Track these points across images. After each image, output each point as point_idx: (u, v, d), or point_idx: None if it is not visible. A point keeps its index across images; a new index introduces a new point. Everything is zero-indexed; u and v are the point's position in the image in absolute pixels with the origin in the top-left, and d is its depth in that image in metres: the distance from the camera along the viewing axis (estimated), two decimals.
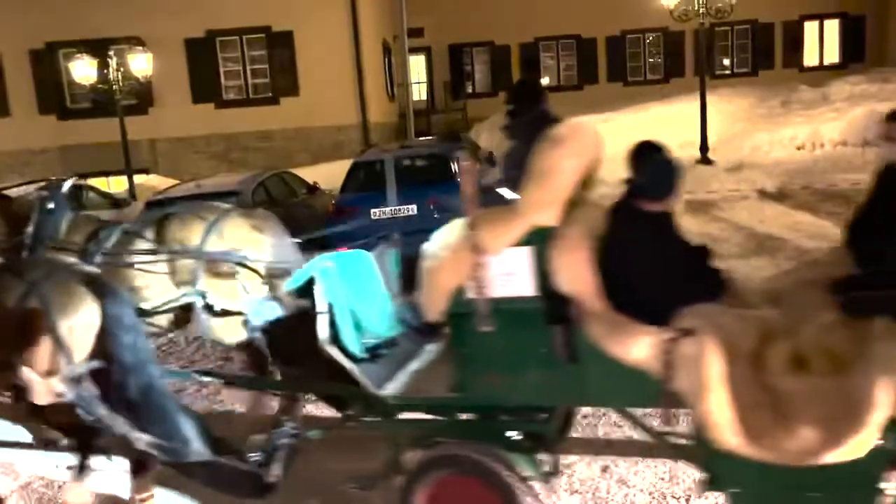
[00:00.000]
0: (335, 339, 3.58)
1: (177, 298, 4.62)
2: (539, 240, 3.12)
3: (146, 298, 4.65)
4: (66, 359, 3.43)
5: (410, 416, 3.71)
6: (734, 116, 16.38)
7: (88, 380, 3.47)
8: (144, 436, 3.43)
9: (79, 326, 3.43)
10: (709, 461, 2.96)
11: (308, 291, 3.60)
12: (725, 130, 15.81)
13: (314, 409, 5.01)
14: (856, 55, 23.94)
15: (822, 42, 24.57)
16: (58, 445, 3.87)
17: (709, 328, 2.87)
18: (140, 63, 14.55)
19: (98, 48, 15.33)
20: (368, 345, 3.79)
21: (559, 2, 23.79)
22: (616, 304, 3.07)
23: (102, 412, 3.45)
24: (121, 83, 14.73)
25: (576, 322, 3.06)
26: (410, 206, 8.72)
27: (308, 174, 12.11)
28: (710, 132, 14.99)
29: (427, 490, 3.31)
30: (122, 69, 14.69)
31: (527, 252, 3.13)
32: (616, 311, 3.06)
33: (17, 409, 3.87)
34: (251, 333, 3.97)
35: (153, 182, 15.64)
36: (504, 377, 3.24)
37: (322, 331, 3.55)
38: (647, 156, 3.27)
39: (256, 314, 3.95)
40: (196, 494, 4.17)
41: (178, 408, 3.59)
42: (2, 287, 3.51)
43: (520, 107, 4.19)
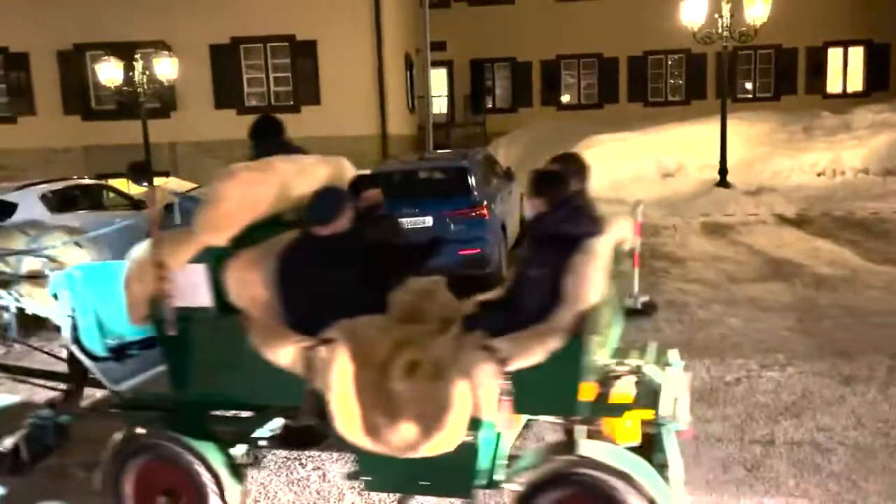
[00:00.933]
0: (76, 340, 4.17)
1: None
2: (211, 258, 3.59)
3: None
4: None
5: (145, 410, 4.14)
6: (755, 140, 16.30)
7: None
8: None
9: None
10: (353, 453, 3.44)
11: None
12: (746, 154, 15.74)
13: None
14: (879, 83, 23.80)
15: (846, 69, 24.45)
16: None
17: (345, 338, 3.32)
18: (165, 67, 14.73)
19: (125, 51, 15.54)
20: (111, 345, 4.27)
21: (582, 21, 23.86)
22: (293, 318, 3.52)
23: None
24: (145, 86, 14.91)
25: (244, 331, 3.53)
26: (426, 218, 8.71)
27: None
28: (731, 155, 14.93)
29: (133, 474, 3.81)
30: (148, 72, 14.87)
31: (202, 268, 3.60)
32: (279, 323, 3.52)
33: None
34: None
35: (173, 185, 15.77)
36: (197, 377, 3.76)
37: (64, 331, 4.14)
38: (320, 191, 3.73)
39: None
40: None
41: None
42: None
43: (263, 139, 4.62)
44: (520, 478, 3.25)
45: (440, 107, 24.28)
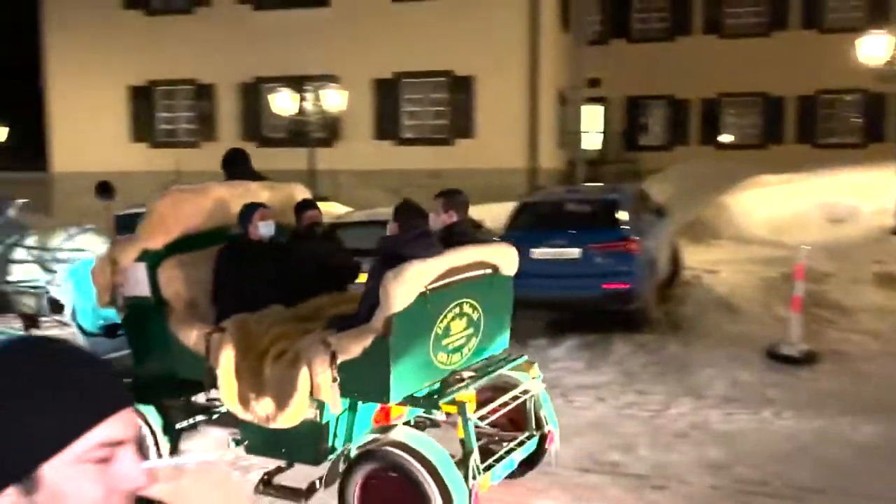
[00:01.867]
0: (74, 318, 5.67)
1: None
2: (147, 258, 4.67)
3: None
4: None
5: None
6: None
7: None
8: None
9: None
10: (240, 423, 4.32)
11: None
12: None
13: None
14: None
15: None
16: None
17: (234, 328, 4.26)
18: (333, 98, 15.73)
19: (298, 84, 16.77)
20: (101, 324, 5.44)
21: (746, 59, 22.94)
22: (217, 308, 4.57)
23: None
24: (314, 116, 15.98)
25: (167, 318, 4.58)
26: (573, 250, 8.67)
27: (473, 212, 12.39)
28: None
29: None
30: (317, 104, 15.95)
31: (142, 266, 4.66)
32: (190, 313, 4.58)
33: None
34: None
35: (332, 209, 16.71)
36: (142, 353, 4.87)
37: (67, 311, 5.82)
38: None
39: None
40: None
41: None
42: None
43: (231, 167, 5.74)
44: (348, 452, 4.01)
45: (592, 143, 24.13)
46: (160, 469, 1.14)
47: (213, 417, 4.98)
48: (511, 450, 4.39)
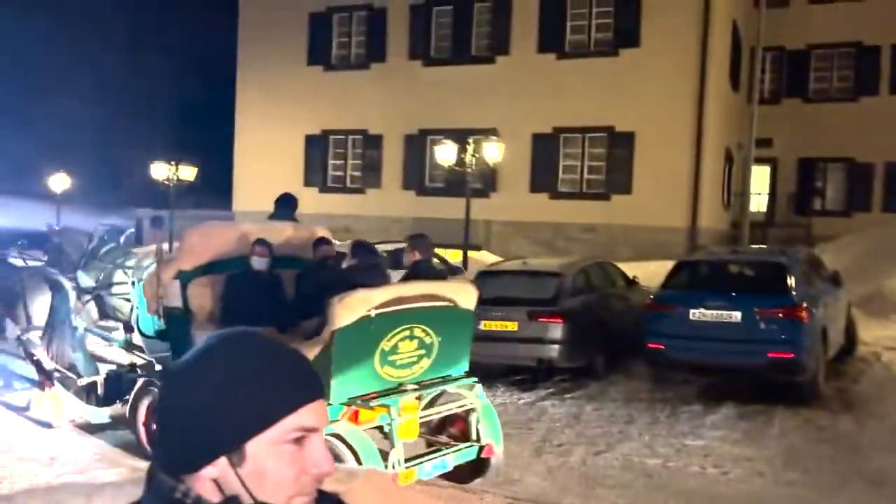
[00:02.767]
0: (137, 324, 6.91)
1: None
2: (181, 276, 5.95)
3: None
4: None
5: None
6: None
7: None
8: None
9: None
10: None
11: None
12: None
13: None
14: None
15: None
16: None
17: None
18: (492, 151, 16.09)
19: (459, 136, 17.34)
20: (157, 329, 6.46)
21: None
22: (223, 322, 5.62)
23: None
24: (473, 167, 16.42)
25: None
26: (734, 313, 8.23)
27: (628, 269, 12.14)
28: None
29: (145, 405, 6.16)
30: (477, 155, 16.38)
31: (177, 283, 5.95)
32: (208, 321, 5.86)
33: None
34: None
35: (483, 258, 16.96)
36: (176, 351, 5.92)
37: (133, 318, 7.19)
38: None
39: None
40: None
41: None
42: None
43: (277, 207, 7.46)
44: None
45: (759, 205, 22.92)
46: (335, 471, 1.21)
47: None
48: (445, 454, 5.28)
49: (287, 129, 21.82)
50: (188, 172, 20.43)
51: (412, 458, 5.07)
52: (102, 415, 6.77)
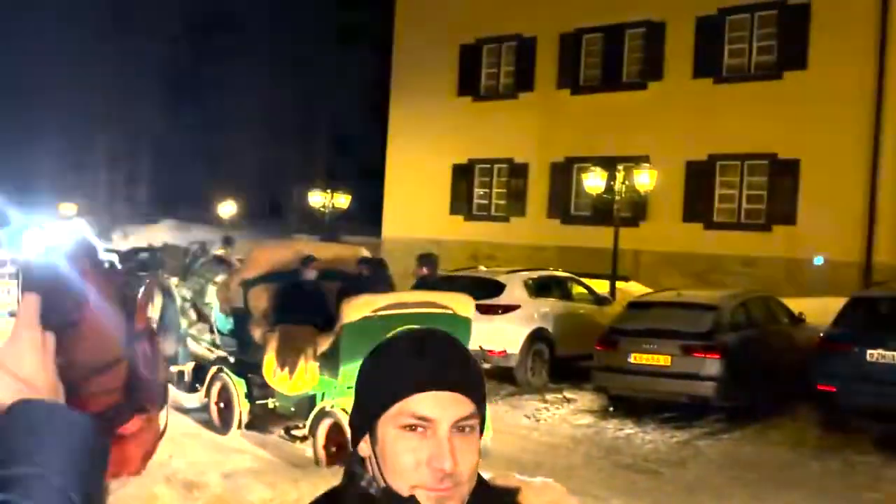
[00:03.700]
0: (216, 324, 8.54)
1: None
2: (244, 283, 7.48)
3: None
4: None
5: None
6: None
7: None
8: None
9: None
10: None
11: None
12: None
13: None
14: None
15: None
16: None
17: (280, 331, 6.85)
18: (643, 179, 15.63)
19: (608, 164, 17.00)
20: (229, 328, 8.11)
21: None
22: (274, 319, 7.17)
23: None
24: (622, 195, 16.00)
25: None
26: None
27: (793, 305, 11.28)
28: None
29: (216, 387, 7.84)
30: (626, 183, 15.96)
31: (240, 288, 7.52)
32: (263, 317, 7.36)
33: None
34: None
35: (631, 288, 16.40)
36: (242, 345, 7.79)
37: (212, 319, 8.67)
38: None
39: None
40: None
41: None
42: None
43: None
44: (320, 410, 6.72)
45: None
46: (496, 477, 1.17)
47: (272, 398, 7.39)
48: None
49: (435, 158, 22.35)
50: (343, 200, 21.37)
51: None
52: (193, 399, 8.31)
